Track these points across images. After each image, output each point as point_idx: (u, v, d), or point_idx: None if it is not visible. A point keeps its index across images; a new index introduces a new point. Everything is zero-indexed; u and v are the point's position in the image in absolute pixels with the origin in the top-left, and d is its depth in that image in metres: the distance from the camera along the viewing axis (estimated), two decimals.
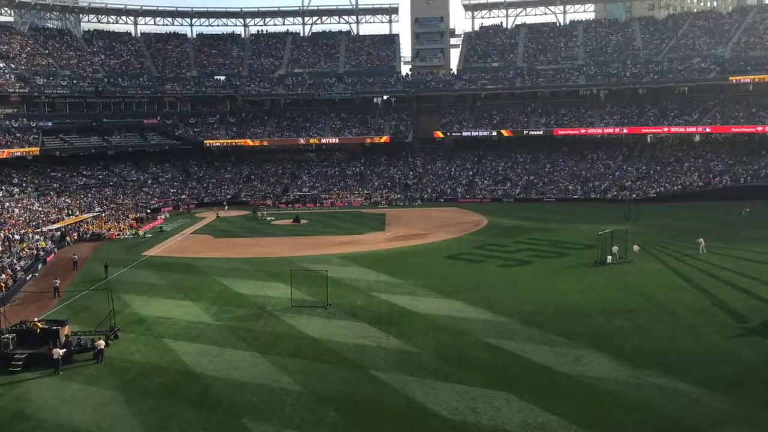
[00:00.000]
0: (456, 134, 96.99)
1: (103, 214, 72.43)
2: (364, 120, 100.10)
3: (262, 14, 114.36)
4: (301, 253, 53.59)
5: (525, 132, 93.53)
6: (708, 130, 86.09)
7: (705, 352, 28.54)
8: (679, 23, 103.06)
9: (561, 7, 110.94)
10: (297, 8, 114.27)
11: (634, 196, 77.81)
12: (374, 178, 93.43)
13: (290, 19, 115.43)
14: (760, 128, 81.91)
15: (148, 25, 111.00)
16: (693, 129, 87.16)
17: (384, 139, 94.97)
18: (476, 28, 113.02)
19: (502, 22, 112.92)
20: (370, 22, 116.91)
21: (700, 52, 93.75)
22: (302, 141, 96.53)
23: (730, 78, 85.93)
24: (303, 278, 40.97)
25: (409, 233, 62.74)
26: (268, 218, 74.46)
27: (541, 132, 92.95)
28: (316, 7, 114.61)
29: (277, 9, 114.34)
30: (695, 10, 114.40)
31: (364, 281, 43.45)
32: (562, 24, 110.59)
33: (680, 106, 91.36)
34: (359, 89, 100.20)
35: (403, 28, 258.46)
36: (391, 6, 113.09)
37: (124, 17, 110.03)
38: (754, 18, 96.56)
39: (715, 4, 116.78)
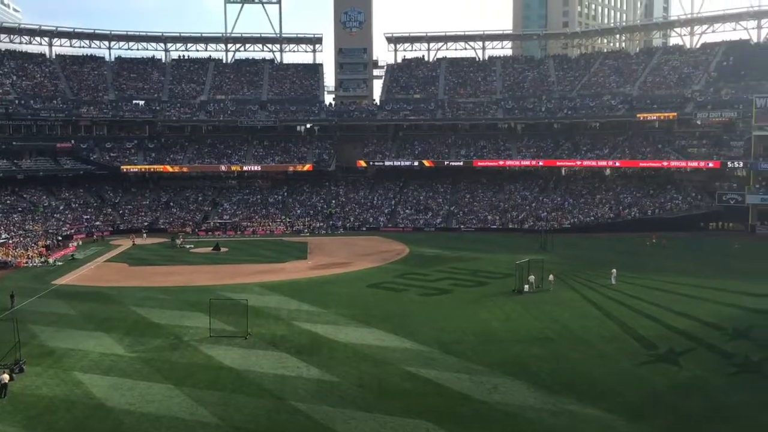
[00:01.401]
0: (379, 163, 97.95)
1: (10, 241, 69.02)
2: (287, 148, 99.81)
3: (184, 39, 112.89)
4: (221, 282, 52.60)
5: (446, 163, 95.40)
6: (618, 164, 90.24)
7: (616, 378, 29.59)
8: (591, 62, 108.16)
9: (480, 43, 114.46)
10: (220, 35, 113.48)
11: (550, 226, 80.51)
12: (297, 206, 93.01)
13: (213, 46, 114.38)
14: (665, 163, 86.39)
15: (63, 47, 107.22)
16: (604, 163, 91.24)
17: (307, 167, 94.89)
18: (399, 60, 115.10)
19: (424, 56, 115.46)
20: (294, 51, 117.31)
21: (611, 89, 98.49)
22: (224, 168, 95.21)
23: (638, 115, 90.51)
24: (222, 307, 40.20)
25: (331, 262, 62.63)
26: (187, 246, 72.80)
27: (461, 163, 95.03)
28: (240, 35, 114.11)
29: (199, 35, 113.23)
30: (605, 50, 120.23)
31: (285, 310, 43.00)
32: (481, 59, 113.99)
33: (592, 140, 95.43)
34: (282, 117, 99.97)
35: (327, 58, 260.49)
36: (315, 36, 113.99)
37: (38, 38, 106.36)
38: (659, 59, 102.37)
39: (623, 45, 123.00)
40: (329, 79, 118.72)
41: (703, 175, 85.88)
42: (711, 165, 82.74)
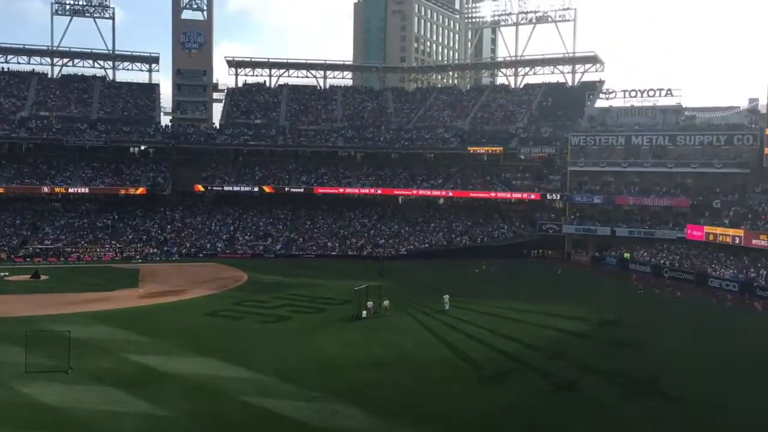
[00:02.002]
0: (217, 188, 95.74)
1: None
2: (119, 170, 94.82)
3: (4, 51, 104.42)
4: (41, 312, 48.59)
5: (286, 189, 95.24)
6: (451, 194, 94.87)
7: (448, 401, 30.85)
8: (427, 96, 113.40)
9: (322, 72, 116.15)
10: (45, 47, 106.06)
11: (388, 253, 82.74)
12: (128, 232, 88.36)
13: (37, 59, 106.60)
14: (493, 194, 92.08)
15: None
16: (438, 192, 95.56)
17: (140, 190, 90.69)
18: (240, 84, 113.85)
19: (265, 81, 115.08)
20: (129, 70, 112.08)
21: (444, 123, 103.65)
22: (46, 189, 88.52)
23: (469, 148, 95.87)
24: (41, 340, 37.09)
25: (165, 290, 60.09)
26: (2, 273, 66.71)
27: (302, 189, 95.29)
28: (68, 48, 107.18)
29: (21, 46, 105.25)
30: (439, 86, 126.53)
31: (112, 341, 40.58)
32: (323, 88, 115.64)
33: (427, 171, 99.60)
34: (114, 137, 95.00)
35: (164, 78, 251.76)
36: (152, 55, 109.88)
37: None
38: (487, 97, 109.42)
39: (456, 81, 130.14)
40: (167, 100, 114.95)
41: (526, 205, 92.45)
42: (533, 197, 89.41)
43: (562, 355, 38.52)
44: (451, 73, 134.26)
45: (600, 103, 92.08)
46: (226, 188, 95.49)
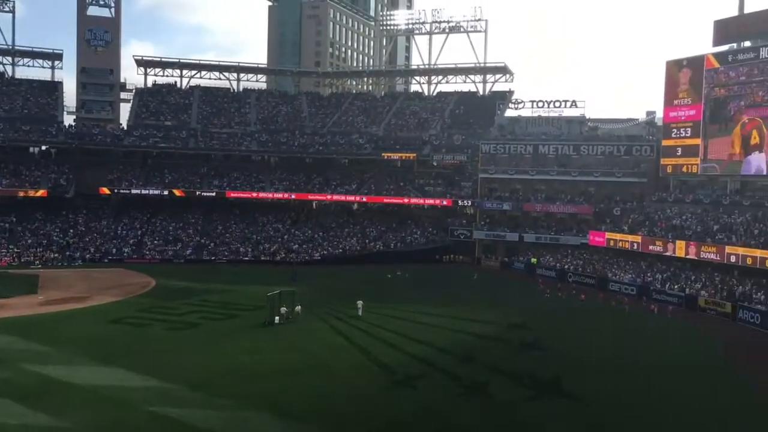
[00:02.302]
0: (125, 191, 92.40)
1: None
2: (17, 171, 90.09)
3: None
4: None
5: (198, 193, 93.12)
6: (365, 199, 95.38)
7: (361, 406, 31.03)
8: (341, 101, 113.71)
9: (235, 75, 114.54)
10: None
11: (301, 258, 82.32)
12: (27, 236, 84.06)
13: None
14: (406, 200, 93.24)
15: None
16: (352, 198, 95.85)
17: (40, 192, 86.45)
18: (149, 84, 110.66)
19: (176, 82, 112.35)
20: (30, 66, 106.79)
21: (359, 129, 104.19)
22: None
23: (383, 154, 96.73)
24: None
25: (67, 296, 57.55)
26: None
27: (214, 194, 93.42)
28: None
29: None
30: (354, 91, 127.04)
31: (10, 351, 38.55)
32: (236, 90, 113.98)
33: (341, 176, 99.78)
34: (12, 136, 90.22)
35: (68, 76, 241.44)
36: (55, 51, 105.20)
37: None
38: (402, 103, 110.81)
39: (371, 88, 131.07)
40: (70, 99, 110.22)
41: (438, 211, 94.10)
42: (445, 203, 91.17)
43: (472, 358, 39.41)
44: (366, 79, 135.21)
45: (509, 113, 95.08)
46: (133, 191, 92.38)
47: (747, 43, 69.56)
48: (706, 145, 72.14)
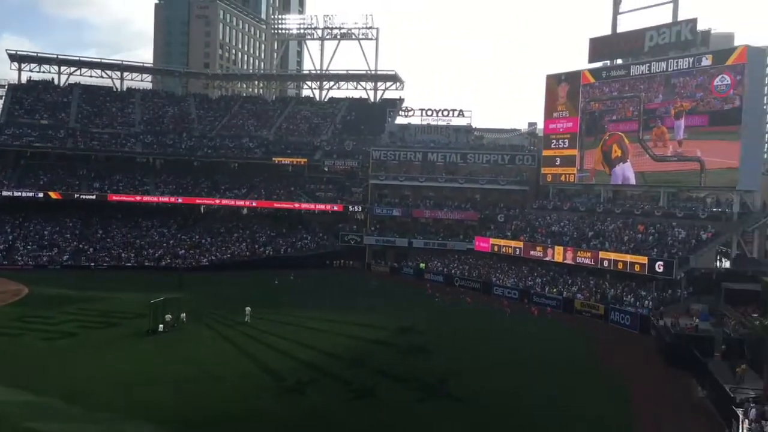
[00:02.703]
0: None
1: None
2: None
3: None
4: None
5: (76, 196, 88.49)
6: (255, 204, 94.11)
7: (249, 414, 30.60)
8: (231, 104, 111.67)
9: (119, 73, 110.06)
10: None
11: (188, 264, 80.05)
12: None
13: None
14: (297, 205, 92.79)
15: None
16: (242, 202, 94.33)
17: None
18: (24, 80, 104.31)
19: (54, 79, 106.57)
20: None
21: (249, 132, 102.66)
22: None
23: (274, 159, 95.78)
24: None
25: None
26: None
27: (94, 197, 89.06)
28: None
29: None
30: (244, 94, 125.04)
31: None
32: (119, 89, 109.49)
33: (231, 180, 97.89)
34: None
35: None
36: None
37: None
38: (293, 108, 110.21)
39: (261, 91, 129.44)
40: None
41: (329, 217, 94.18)
42: (336, 208, 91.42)
43: (361, 363, 39.75)
44: (256, 82, 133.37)
45: (400, 120, 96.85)
46: (5, 193, 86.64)
47: (619, 61, 74.24)
48: (582, 155, 76.30)
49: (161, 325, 46.43)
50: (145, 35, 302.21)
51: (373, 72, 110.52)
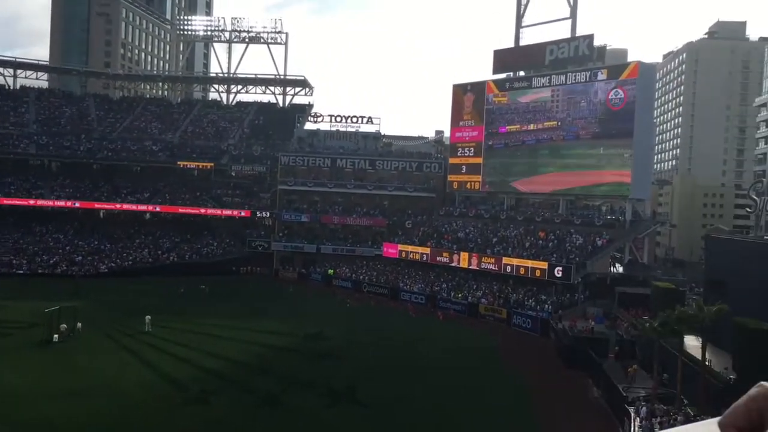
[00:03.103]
0: None
1: None
2: None
3: None
4: None
5: None
6: (158, 209, 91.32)
7: (150, 425, 29.67)
8: (134, 106, 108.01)
9: (11, 70, 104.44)
10: None
11: (86, 271, 76.68)
12: None
13: None
14: (203, 210, 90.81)
15: None
16: (144, 207, 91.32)
17: None
18: None
19: None
20: None
21: (152, 135, 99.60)
22: None
23: (179, 162, 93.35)
24: None
25: None
26: None
27: None
28: None
29: None
30: (148, 96, 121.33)
31: None
32: (12, 87, 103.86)
33: (133, 184, 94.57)
34: None
35: None
36: None
37: None
38: (199, 111, 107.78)
39: (166, 93, 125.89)
40: None
41: (236, 222, 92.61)
42: (243, 214, 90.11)
43: (268, 370, 39.37)
44: (161, 84, 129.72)
45: (309, 126, 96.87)
46: None
47: (522, 73, 76.97)
48: (487, 164, 78.52)
49: (56, 335, 44.27)
50: (40, 32, 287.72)
51: (282, 77, 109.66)
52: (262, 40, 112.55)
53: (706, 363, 32.68)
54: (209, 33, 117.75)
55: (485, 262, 67.00)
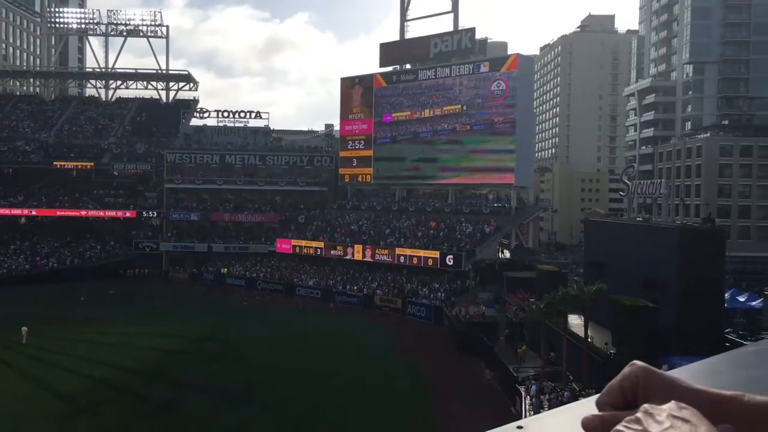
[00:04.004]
0: None
1: None
2: None
3: None
4: None
5: None
6: (34, 212, 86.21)
7: None
8: (3, 104, 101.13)
9: None
10: None
11: None
12: None
13: None
14: (84, 212, 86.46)
15: None
16: (18, 211, 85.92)
17: None
18: None
19: None
20: None
21: (25, 135, 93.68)
22: None
23: (55, 163, 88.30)
24: None
25: None
26: None
27: None
28: None
29: None
30: (19, 93, 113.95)
31: None
32: None
33: (5, 187, 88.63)
34: None
35: None
36: None
37: None
38: (75, 108, 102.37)
39: (38, 90, 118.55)
40: None
41: (121, 224, 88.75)
42: (128, 214, 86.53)
43: (161, 376, 38.18)
44: (32, 80, 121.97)
45: (195, 122, 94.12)
46: None
47: (408, 66, 78.17)
48: (377, 156, 79.31)
49: None
50: None
51: (164, 71, 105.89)
52: (141, 34, 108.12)
53: (588, 340, 34.62)
54: (83, 26, 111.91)
55: (379, 254, 67.75)
